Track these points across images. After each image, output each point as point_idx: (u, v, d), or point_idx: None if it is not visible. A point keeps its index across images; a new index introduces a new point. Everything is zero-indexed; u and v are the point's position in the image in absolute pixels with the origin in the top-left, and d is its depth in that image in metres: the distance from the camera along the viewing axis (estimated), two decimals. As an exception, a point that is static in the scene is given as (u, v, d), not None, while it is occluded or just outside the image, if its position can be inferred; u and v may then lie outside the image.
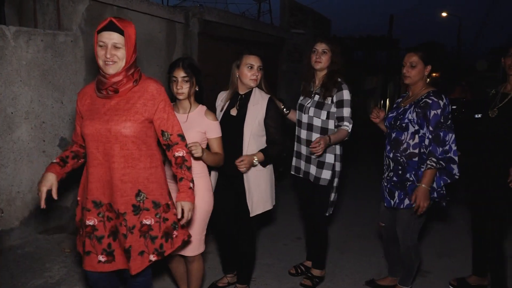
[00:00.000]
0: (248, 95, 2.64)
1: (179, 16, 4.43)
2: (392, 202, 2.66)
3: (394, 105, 2.86)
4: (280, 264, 3.36)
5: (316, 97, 2.88)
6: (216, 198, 2.63)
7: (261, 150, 2.57)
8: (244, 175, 2.60)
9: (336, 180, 2.91)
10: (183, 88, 2.31)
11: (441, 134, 2.49)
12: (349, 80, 2.87)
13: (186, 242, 2.24)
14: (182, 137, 2.02)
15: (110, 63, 1.84)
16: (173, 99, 2.38)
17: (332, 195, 2.97)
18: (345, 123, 2.77)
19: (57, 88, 3.34)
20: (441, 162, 2.47)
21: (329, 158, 2.86)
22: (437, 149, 2.48)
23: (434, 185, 2.58)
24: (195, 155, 2.17)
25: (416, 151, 2.57)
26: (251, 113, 2.58)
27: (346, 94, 2.79)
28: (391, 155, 2.67)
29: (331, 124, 2.82)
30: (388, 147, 2.70)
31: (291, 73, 7.14)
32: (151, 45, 4.10)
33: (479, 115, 2.93)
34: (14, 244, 3.16)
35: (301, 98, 3.02)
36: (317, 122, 2.85)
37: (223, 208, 2.74)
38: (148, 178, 1.98)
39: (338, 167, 2.90)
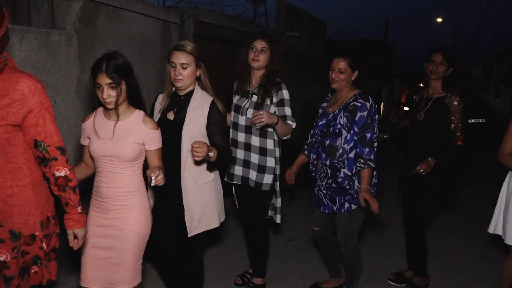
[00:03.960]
0: (188, 97, 2.28)
1: (174, 17, 4.43)
2: (335, 208, 2.68)
3: (320, 110, 2.83)
4: (272, 266, 3.36)
5: (254, 98, 2.71)
6: (154, 215, 2.25)
7: (217, 150, 2.17)
8: (183, 189, 2.25)
9: (277, 184, 2.80)
10: (110, 97, 1.88)
11: (368, 135, 2.53)
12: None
13: (46, 286, 1.78)
14: (62, 150, 1.62)
15: None
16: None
17: (277, 201, 2.87)
18: (289, 121, 2.66)
19: (50, 87, 3.32)
20: (368, 162, 2.51)
21: (270, 161, 2.73)
22: (363, 150, 2.52)
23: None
24: (157, 183, 1.85)
25: (352, 155, 2.58)
26: (191, 118, 2.23)
27: (286, 94, 2.68)
28: (327, 163, 2.64)
29: (269, 128, 2.68)
30: (324, 155, 2.67)
31: (286, 76, 7.15)
32: (145, 46, 4.09)
33: (472, 120, 3.05)
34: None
35: (237, 98, 2.81)
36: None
37: (162, 227, 2.36)
38: (6, 200, 1.56)
39: (278, 170, 2.79)
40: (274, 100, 2.67)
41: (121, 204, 1.98)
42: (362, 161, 2.52)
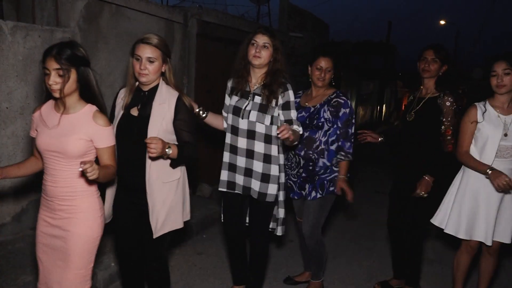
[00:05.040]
0: (153, 92, 2.15)
1: (177, 16, 4.44)
2: (304, 193, 2.81)
3: (295, 105, 2.81)
4: (272, 266, 3.36)
5: (257, 99, 2.46)
6: (118, 217, 2.20)
7: (177, 146, 2.09)
8: (148, 189, 2.11)
9: (281, 193, 2.57)
10: (56, 84, 1.76)
11: (350, 130, 2.74)
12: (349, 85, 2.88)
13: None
14: None
15: None
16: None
17: (280, 211, 2.62)
18: (295, 126, 2.44)
19: (53, 85, 3.34)
20: (349, 155, 2.72)
21: (274, 169, 2.47)
22: (345, 143, 2.72)
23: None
24: (91, 177, 1.67)
25: (326, 147, 2.74)
26: (157, 113, 2.10)
27: (292, 95, 2.47)
28: (302, 153, 2.77)
29: (274, 131, 2.45)
30: (299, 146, 2.77)
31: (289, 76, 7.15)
32: (148, 44, 4.10)
33: None
34: (5, 239, 3.15)
35: (236, 99, 2.52)
36: (260, 129, 2.44)
37: (126, 229, 2.27)
38: None
39: (282, 178, 2.56)
40: (280, 101, 2.44)
41: (67, 205, 1.87)
42: (343, 153, 2.72)
